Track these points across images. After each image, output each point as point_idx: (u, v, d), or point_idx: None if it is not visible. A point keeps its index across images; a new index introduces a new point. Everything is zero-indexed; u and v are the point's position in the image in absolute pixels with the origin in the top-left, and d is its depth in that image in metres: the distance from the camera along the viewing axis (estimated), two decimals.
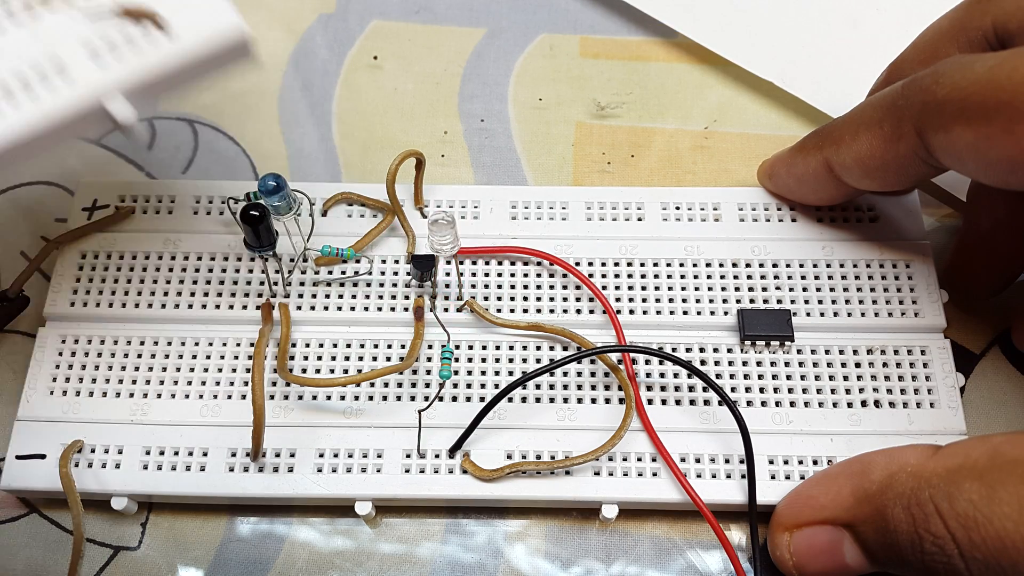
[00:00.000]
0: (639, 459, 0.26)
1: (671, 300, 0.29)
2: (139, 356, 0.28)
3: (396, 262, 0.29)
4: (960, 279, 0.29)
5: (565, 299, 0.29)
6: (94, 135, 0.22)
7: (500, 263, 0.30)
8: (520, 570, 0.27)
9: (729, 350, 0.28)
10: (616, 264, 0.29)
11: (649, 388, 0.28)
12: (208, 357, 0.28)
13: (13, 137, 0.21)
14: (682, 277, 0.29)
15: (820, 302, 0.28)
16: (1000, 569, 0.19)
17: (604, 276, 0.29)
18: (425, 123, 0.34)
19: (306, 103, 0.35)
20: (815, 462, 0.26)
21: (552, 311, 0.29)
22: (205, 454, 0.27)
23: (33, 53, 0.22)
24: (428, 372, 0.28)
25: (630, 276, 0.29)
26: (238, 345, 0.28)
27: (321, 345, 0.28)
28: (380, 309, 0.29)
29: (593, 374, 0.28)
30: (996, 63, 0.21)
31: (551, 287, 0.29)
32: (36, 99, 0.22)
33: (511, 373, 0.28)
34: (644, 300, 0.29)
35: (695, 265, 0.29)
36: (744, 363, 0.28)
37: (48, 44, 0.22)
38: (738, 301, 0.29)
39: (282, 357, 0.27)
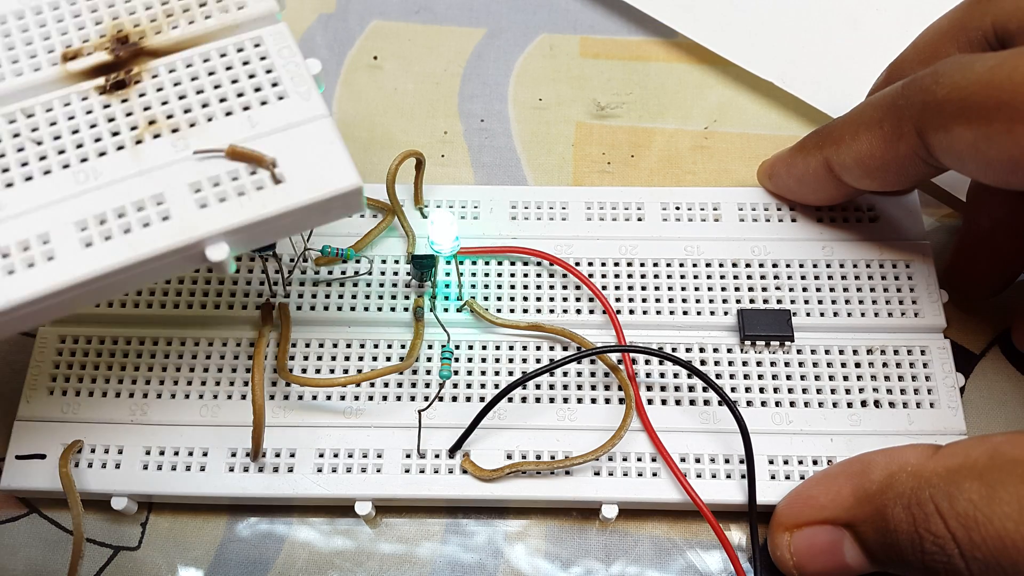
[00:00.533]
0: (639, 459, 0.26)
1: (671, 300, 0.29)
2: (139, 356, 0.28)
3: (396, 262, 0.29)
4: (960, 279, 0.29)
5: (565, 299, 0.29)
6: (183, 272, 0.22)
7: (500, 263, 0.30)
8: (520, 570, 0.27)
9: (729, 350, 0.28)
10: (616, 264, 0.29)
11: (649, 388, 0.28)
12: (208, 357, 0.28)
13: (98, 272, 0.20)
14: (682, 277, 0.29)
15: (820, 302, 0.28)
16: (1000, 568, 0.19)
17: (604, 276, 0.29)
18: (425, 123, 0.34)
19: None
20: (815, 462, 0.26)
21: (552, 311, 0.29)
22: (205, 454, 0.27)
23: (137, 188, 0.21)
24: (428, 372, 0.28)
25: (630, 276, 0.29)
26: (238, 345, 0.28)
27: (321, 345, 0.28)
28: (380, 309, 0.29)
29: (593, 374, 0.28)
30: (996, 63, 0.21)
31: (551, 287, 0.29)
32: (131, 237, 0.21)
33: (511, 373, 0.28)
34: (644, 300, 0.29)
35: (695, 265, 0.29)
36: (744, 363, 0.28)
37: (153, 180, 0.21)
38: (738, 301, 0.29)
39: (282, 357, 0.27)
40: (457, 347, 0.28)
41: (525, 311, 0.29)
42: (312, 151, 0.22)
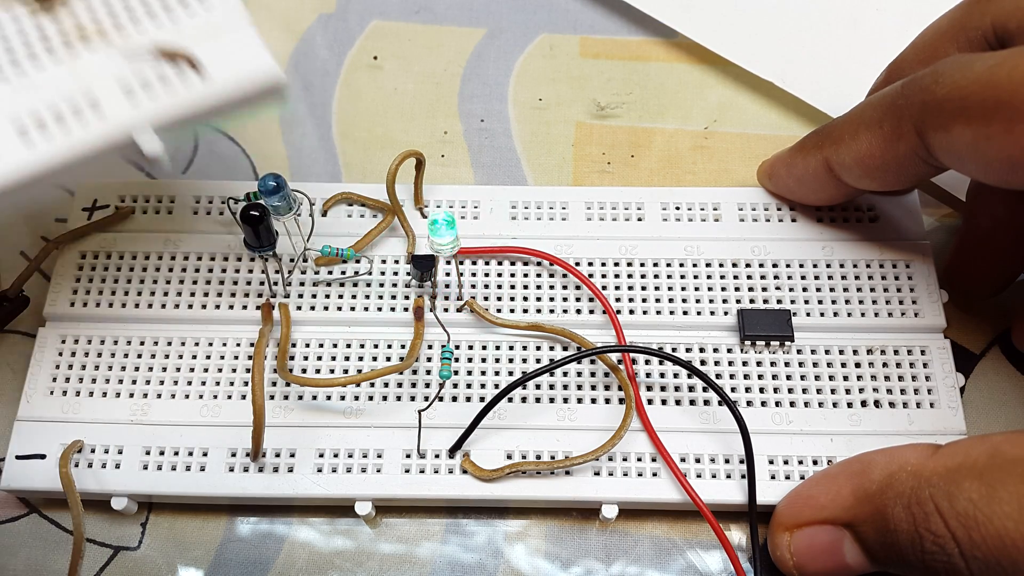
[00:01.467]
0: (639, 459, 0.26)
1: (671, 300, 0.29)
2: (139, 356, 0.28)
3: (396, 262, 0.29)
4: (960, 279, 0.29)
5: (565, 299, 0.29)
6: (117, 159, 0.23)
7: (500, 263, 0.30)
8: (520, 570, 0.27)
9: (729, 350, 0.28)
10: (616, 264, 0.29)
11: (649, 388, 0.28)
12: (208, 357, 0.28)
13: (41, 167, 0.22)
14: (682, 277, 0.29)
15: (820, 302, 0.28)
16: (1000, 568, 0.19)
17: (604, 276, 0.29)
18: (425, 123, 0.34)
19: (306, 103, 0.35)
20: (815, 462, 0.26)
21: (552, 311, 0.29)
22: (205, 454, 0.27)
23: (69, 88, 0.23)
24: (428, 372, 0.28)
25: (630, 276, 0.29)
26: (238, 345, 0.28)
27: (321, 345, 0.28)
28: (380, 309, 0.29)
29: (593, 374, 0.28)
30: (996, 62, 0.21)
31: (551, 287, 0.29)
32: (68, 132, 0.22)
33: (511, 373, 0.28)
34: (644, 300, 0.29)
35: (695, 265, 0.29)
36: (744, 363, 0.28)
37: (84, 80, 0.23)
38: (738, 301, 0.29)
39: (282, 357, 0.27)
40: (457, 347, 0.28)
41: (525, 311, 0.29)
42: (231, 45, 0.23)
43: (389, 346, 0.28)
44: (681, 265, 0.29)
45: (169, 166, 0.23)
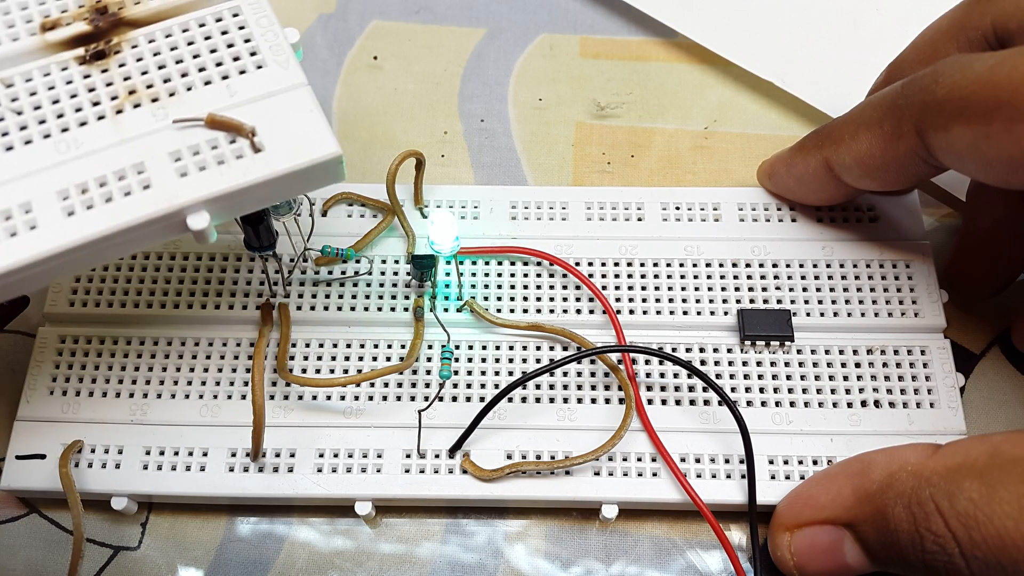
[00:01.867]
0: (639, 459, 0.26)
1: (671, 300, 0.29)
2: (139, 356, 0.28)
3: (396, 262, 0.29)
4: (960, 279, 0.29)
5: (565, 299, 0.29)
6: (165, 240, 0.22)
7: (500, 263, 0.30)
8: (520, 570, 0.27)
9: (729, 350, 0.28)
10: (616, 264, 0.29)
11: (649, 388, 0.28)
12: (208, 357, 0.28)
13: (83, 240, 0.21)
14: (682, 277, 0.29)
15: (820, 302, 0.28)
16: (1000, 567, 0.19)
17: (604, 276, 0.29)
18: (425, 123, 0.34)
19: None
20: (815, 462, 0.26)
21: (552, 311, 0.29)
22: (205, 454, 0.27)
23: (118, 158, 0.21)
24: (428, 372, 0.28)
25: (630, 276, 0.29)
26: (238, 345, 0.28)
27: (321, 345, 0.28)
28: (380, 309, 0.29)
29: (593, 374, 0.28)
30: (996, 62, 0.21)
31: (551, 287, 0.29)
32: (112, 206, 0.21)
33: (511, 373, 0.28)
34: (644, 300, 0.29)
35: (695, 265, 0.29)
36: (744, 363, 0.28)
37: (134, 149, 0.22)
38: (738, 301, 0.29)
39: (282, 357, 0.27)
40: (457, 347, 0.28)
41: (525, 311, 0.29)
42: (291, 119, 0.22)
43: (389, 346, 0.28)
44: (681, 265, 0.29)
45: (214, 238, 0.22)
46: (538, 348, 0.28)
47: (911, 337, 0.28)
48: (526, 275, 0.29)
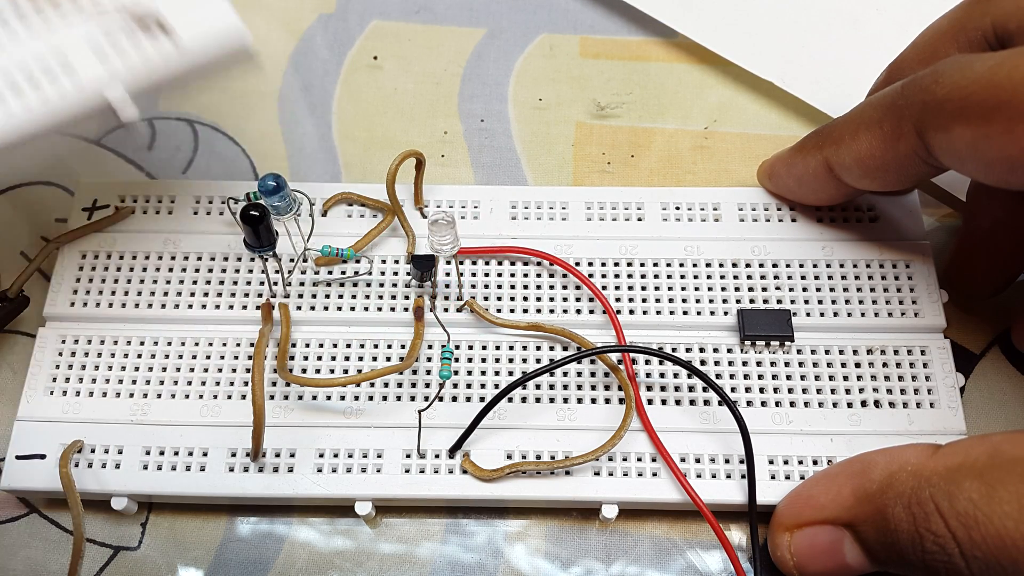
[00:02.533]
0: (639, 459, 0.26)
1: (671, 300, 0.29)
2: (139, 356, 0.28)
3: (396, 262, 0.29)
4: (960, 279, 0.29)
5: (565, 299, 0.29)
6: (96, 131, 0.23)
7: (500, 263, 0.30)
8: (520, 570, 0.27)
9: (729, 350, 0.28)
10: (616, 264, 0.29)
11: (649, 388, 0.28)
12: (208, 357, 0.28)
13: (17, 129, 0.22)
14: (682, 277, 0.29)
15: (820, 302, 0.28)
16: (1001, 568, 0.19)
17: (604, 276, 0.29)
18: (425, 123, 0.34)
19: (306, 103, 0.35)
20: (815, 462, 0.26)
21: (552, 311, 0.29)
22: (205, 454, 0.27)
23: (40, 50, 0.23)
24: (428, 372, 0.28)
25: (630, 276, 0.29)
26: (238, 345, 0.28)
27: (321, 345, 0.28)
28: (380, 309, 0.29)
29: (593, 374, 0.28)
30: (996, 63, 0.21)
31: (551, 287, 0.29)
32: (41, 93, 0.22)
33: (511, 373, 0.28)
34: (644, 300, 0.29)
35: (695, 265, 0.29)
36: (744, 363, 0.28)
37: (55, 43, 0.23)
38: (738, 301, 0.29)
39: (282, 357, 0.27)
40: (457, 347, 0.28)
41: (525, 311, 0.29)
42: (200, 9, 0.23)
43: (389, 346, 0.28)
44: (681, 265, 0.29)
45: (146, 135, 0.23)
46: (538, 348, 0.28)
47: (911, 337, 0.28)
48: (526, 275, 0.29)
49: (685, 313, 0.29)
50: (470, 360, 0.28)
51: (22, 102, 0.22)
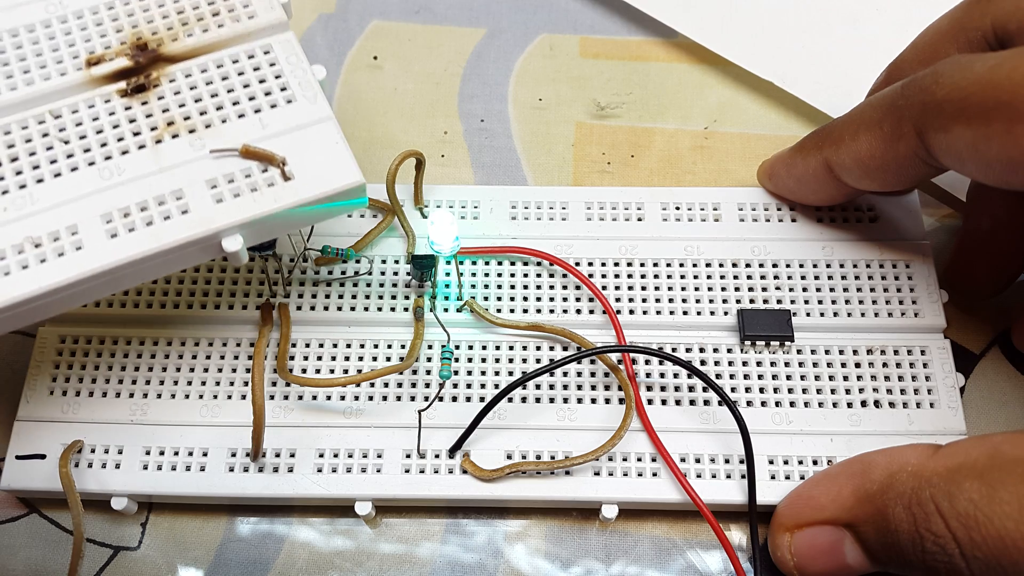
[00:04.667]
0: (639, 459, 0.26)
1: (671, 300, 0.29)
2: (139, 356, 0.28)
3: (396, 262, 0.29)
4: (960, 279, 0.29)
5: (565, 299, 0.29)
6: (200, 261, 0.24)
7: (500, 263, 0.30)
8: (520, 570, 0.27)
9: (729, 350, 0.28)
10: (616, 264, 0.29)
11: (649, 388, 0.28)
12: (208, 357, 0.28)
13: (124, 260, 0.22)
14: (682, 277, 0.29)
15: (820, 302, 0.28)
16: (1001, 568, 0.19)
17: (604, 276, 0.29)
18: (425, 123, 0.34)
19: None
20: (815, 462, 0.26)
21: (552, 311, 0.29)
22: (205, 454, 0.27)
23: (157, 184, 0.23)
24: (428, 372, 0.28)
25: (630, 276, 0.29)
26: (238, 345, 0.28)
27: (321, 345, 0.28)
28: (380, 309, 0.29)
29: (593, 374, 0.28)
30: (996, 63, 0.21)
31: (551, 287, 0.29)
32: (154, 229, 0.23)
33: (511, 373, 0.28)
34: (644, 300, 0.29)
35: (695, 265, 0.29)
36: (744, 363, 0.28)
37: (173, 176, 0.23)
38: (738, 301, 0.29)
39: (282, 357, 0.27)
40: (457, 347, 0.28)
41: (525, 311, 0.29)
42: (318, 150, 0.24)
43: (389, 346, 0.28)
44: (681, 265, 0.29)
45: (247, 260, 0.24)
46: (538, 348, 0.28)
47: (911, 337, 0.28)
48: (526, 275, 0.29)
49: (685, 313, 0.29)
50: (470, 360, 0.28)
51: (133, 236, 0.22)
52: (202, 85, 0.25)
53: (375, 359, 0.28)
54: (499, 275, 0.29)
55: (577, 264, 0.29)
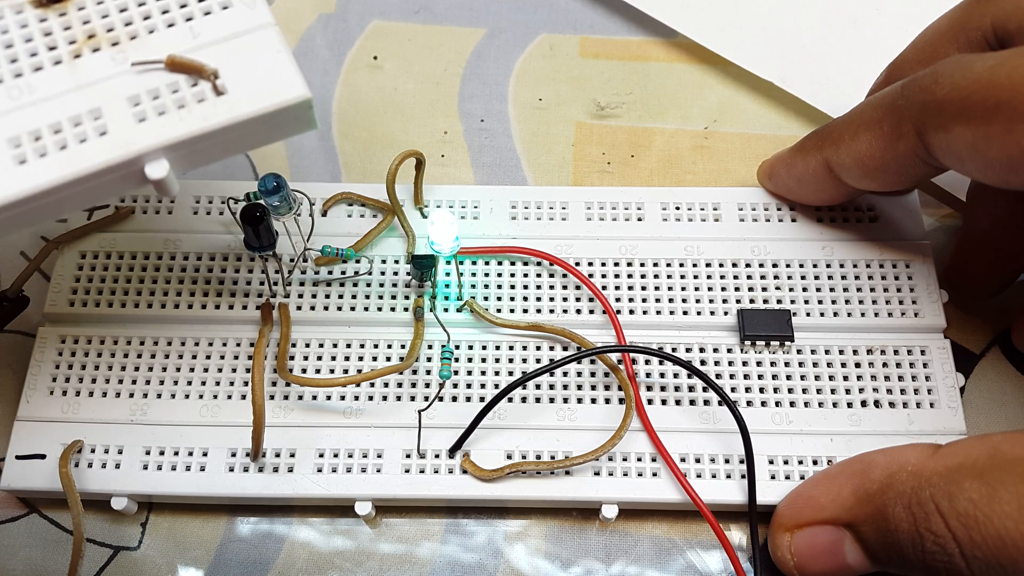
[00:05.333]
0: (639, 459, 0.26)
1: (671, 300, 0.29)
2: (139, 356, 0.28)
3: (396, 262, 0.29)
4: (960, 279, 0.29)
5: (565, 299, 0.29)
6: (124, 192, 0.22)
7: (500, 263, 0.30)
8: (520, 570, 0.27)
9: (729, 350, 0.28)
10: (616, 264, 0.29)
11: (649, 388, 0.28)
12: (208, 357, 0.28)
13: (36, 190, 0.20)
14: (682, 277, 0.29)
15: (820, 302, 0.28)
16: (1001, 568, 0.19)
17: (604, 276, 0.29)
18: (425, 123, 0.34)
19: None
20: (815, 462, 0.26)
21: (552, 311, 0.29)
22: (205, 454, 0.27)
23: (74, 104, 0.20)
24: (428, 372, 0.28)
25: (630, 276, 0.29)
26: (238, 345, 0.28)
27: (321, 345, 0.28)
28: (380, 309, 0.29)
29: (593, 374, 0.28)
30: (996, 63, 0.21)
31: (551, 287, 0.29)
32: (68, 154, 0.20)
33: (511, 373, 0.28)
34: (644, 300, 0.29)
35: (695, 265, 0.29)
36: (744, 363, 0.28)
37: (90, 94, 0.21)
38: (738, 301, 0.29)
39: (282, 357, 0.27)
40: (457, 347, 0.28)
41: (525, 311, 0.29)
42: (257, 61, 0.21)
43: (389, 346, 0.28)
44: (681, 265, 0.29)
45: (177, 190, 0.21)
46: (538, 348, 0.28)
47: (911, 337, 0.28)
48: (526, 275, 0.29)
49: (685, 313, 0.29)
50: (470, 360, 0.28)
51: (47, 162, 0.20)
52: None
53: (375, 359, 0.28)
54: (499, 275, 0.29)
55: (577, 264, 0.29)
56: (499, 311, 0.29)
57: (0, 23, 0.21)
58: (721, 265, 0.29)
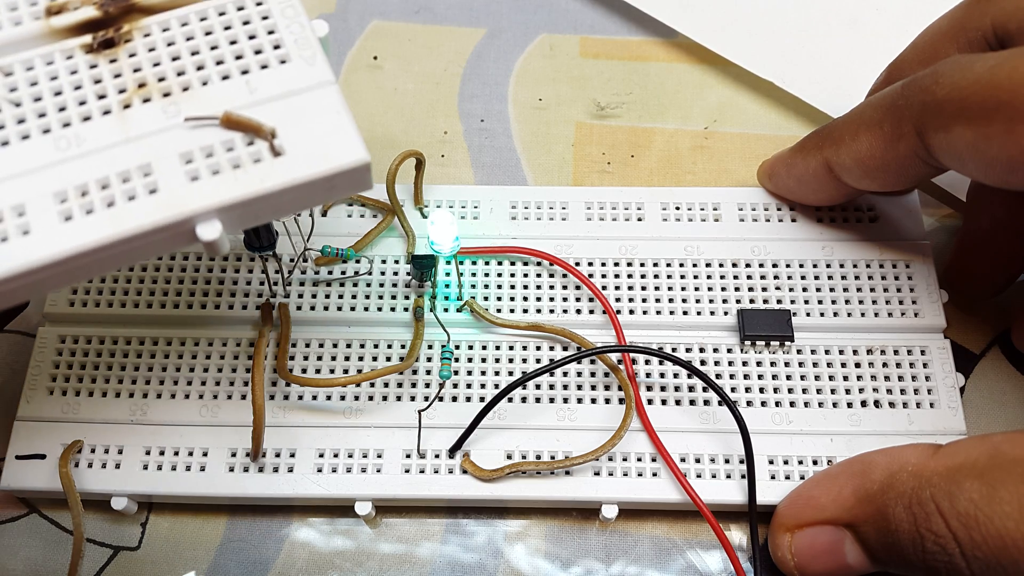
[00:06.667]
0: (639, 459, 0.26)
1: (671, 300, 0.29)
2: (139, 356, 0.28)
3: (396, 262, 0.29)
4: (960, 279, 0.29)
5: (565, 299, 0.29)
6: (172, 251, 0.20)
7: (500, 263, 0.30)
8: (520, 570, 0.27)
9: (729, 350, 0.28)
10: (616, 264, 0.29)
11: (649, 388, 0.28)
12: (208, 357, 0.28)
13: (79, 249, 0.18)
14: (682, 277, 0.29)
15: (820, 302, 0.28)
16: (1001, 568, 0.19)
17: (604, 276, 0.29)
18: (425, 123, 0.34)
19: None
20: (815, 462, 0.26)
21: (552, 311, 0.29)
22: (205, 454, 0.27)
23: (123, 157, 0.19)
24: (428, 372, 0.28)
25: (630, 276, 0.29)
26: (238, 345, 0.28)
27: (321, 345, 0.28)
28: (380, 309, 0.29)
29: (593, 374, 0.28)
30: (996, 63, 0.21)
31: (551, 287, 0.29)
32: (116, 211, 0.19)
33: (511, 373, 0.28)
34: (644, 300, 0.29)
35: (695, 265, 0.29)
36: (744, 363, 0.28)
37: (141, 148, 0.19)
38: (738, 301, 0.29)
39: (282, 357, 0.27)
40: (457, 347, 0.28)
41: (525, 311, 0.29)
42: (316, 121, 0.20)
43: (389, 346, 0.28)
44: (681, 265, 0.29)
45: (227, 250, 0.19)
46: (538, 348, 0.28)
47: (911, 337, 0.28)
48: (526, 275, 0.29)
49: (685, 313, 0.29)
50: (470, 360, 0.28)
51: (92, 222, 0.18)
52: (181, 41, 0.21)
53: (375, 359, 0.28)
54: (499, 275, 0.29)
55: (577, 264, 0.29)
56: (499, 311, 0.29)
57: (49, 68, 0.20)
58: (721, 265, 0.29)
